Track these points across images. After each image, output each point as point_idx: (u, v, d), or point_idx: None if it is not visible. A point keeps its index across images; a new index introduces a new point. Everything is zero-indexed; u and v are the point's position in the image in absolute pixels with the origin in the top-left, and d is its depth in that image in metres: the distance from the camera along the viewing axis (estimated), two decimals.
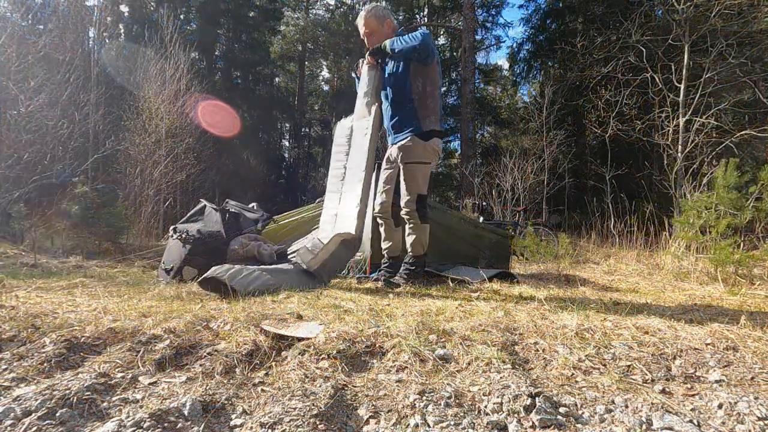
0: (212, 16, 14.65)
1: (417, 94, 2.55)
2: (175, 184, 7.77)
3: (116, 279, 2.90)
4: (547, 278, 3.66)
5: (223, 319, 1.47)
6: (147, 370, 1.09)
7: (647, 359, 1.21)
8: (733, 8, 6.59)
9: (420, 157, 2.57)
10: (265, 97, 17.15)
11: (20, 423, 0.83)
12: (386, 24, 2.63)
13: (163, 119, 7.25)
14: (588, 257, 5.78)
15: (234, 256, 3.00)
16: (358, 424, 0.90)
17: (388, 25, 2.63)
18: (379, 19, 2.63)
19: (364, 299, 2.01)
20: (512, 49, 15.66)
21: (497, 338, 1.34)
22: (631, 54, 7.87)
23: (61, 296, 1.98)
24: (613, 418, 0.93)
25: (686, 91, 6.84)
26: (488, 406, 0.95)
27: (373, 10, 2.64)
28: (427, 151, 2.58)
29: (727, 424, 0.91)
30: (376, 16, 2.63)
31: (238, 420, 0.89)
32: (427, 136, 2.56)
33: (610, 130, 8.39)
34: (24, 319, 1.38)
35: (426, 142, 2.56)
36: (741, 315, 1.74)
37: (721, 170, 3.37)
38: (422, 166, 2.59)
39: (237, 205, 3.51)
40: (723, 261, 3.12)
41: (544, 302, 1.92)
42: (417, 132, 2.56)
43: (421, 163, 2.58)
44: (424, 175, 2.61)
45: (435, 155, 2.64)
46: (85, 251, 4.23)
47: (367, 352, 1.25)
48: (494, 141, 18.71)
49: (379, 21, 2.63)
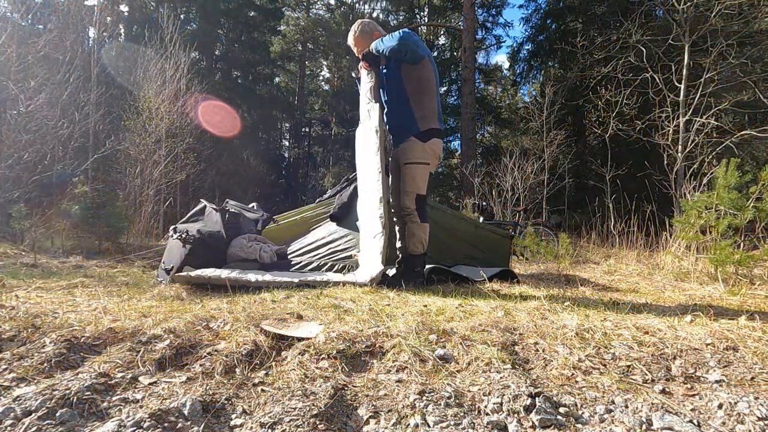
0: (212, 16, 14.65)
1: (412, 94, 2.56)
2: (175, 184, 7.77)
3: (116, 279, 2.90)
4: (547, 278, 3.66)
5: (223, 319, 1.47)
6: (147, 370, 1.09)
7: (647, 359, 1.21)
8: (733, 8, 6.59)
9: (418, 158, 2.59)
10: (265, 96, 17.15)
11: (20, 423, 0.83)
12: (374, 36, 2.67)
13: (163, 119, 7.25)
14: (588, 257, 5.78)
15: (234, 257, 3.00)
16: (358, 424, 0.90)
17: (376, 37, 2.67)
18: (366, 35, 2.69)
19: (364, 299, 2.01)
20: (512, 49, 15.68)
21: (497, 338, 1.34)
22: (631, 54, 7.86)
23: (61, 296, 1.98)
24: (613, 418, 0.93)
25: (686, 91, 6.83)
26: (488, 406, 0.95)
27: (360, 27, 2.71)
28: (425, 152, 2.59)
29: (727, 424, 0.91)
30: (363, 32, 2.70)
31: (238, 420, 0.89)
32: (426, 137, 2.57)
33: (610, 130, 8.39)
34: (24, 319, 1.38)
35: (425, 143, 2.57)
36: (741, 315, 1.74)
37: (721, 170, 3.36)
38: (421, 166, 2.60)
39: (237, 205, 3.51)
40: (723, 261, 3.12)
41: (544, 302, 1.92)
42: (415, 133, 2.57)
43: (419, 163, 2.59)
44: (422, 176, 2.62)
45: (434, 156, 2.65)
46: (85, 251, 4.23)
47: (367, 352, 1.25)
48: (494, 141, 18.72)
49: (367, 36, 2.69)
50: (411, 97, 2.56)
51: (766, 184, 3.21)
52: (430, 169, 2.67)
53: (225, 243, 3.05)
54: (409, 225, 2.64)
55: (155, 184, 6.98)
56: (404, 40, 2.42)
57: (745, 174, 3.31)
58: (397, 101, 2.61)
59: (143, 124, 7.13)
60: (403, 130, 2.63)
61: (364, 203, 2.80)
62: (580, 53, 9.93)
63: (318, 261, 3.46)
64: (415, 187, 2.60)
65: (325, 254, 3.46)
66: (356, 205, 3.59)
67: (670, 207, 6.77)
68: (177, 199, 8.48)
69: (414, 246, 2.64)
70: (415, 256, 2.66)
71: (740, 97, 7.61)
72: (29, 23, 7.54)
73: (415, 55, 2.48)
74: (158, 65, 7.40)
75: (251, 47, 16.07)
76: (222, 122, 11.56)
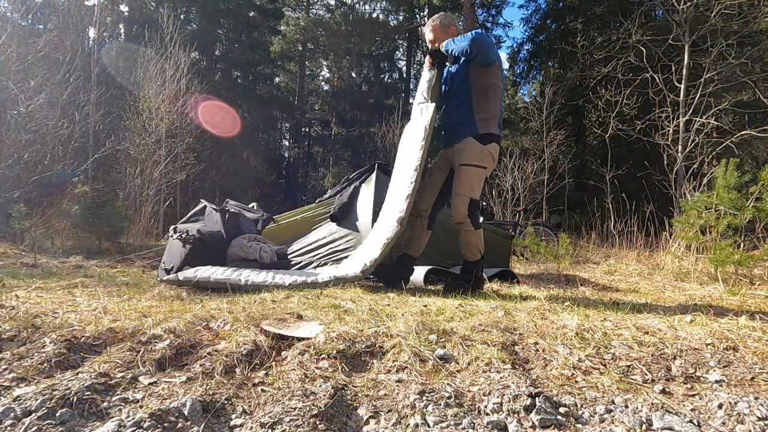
0: (212, 16, 14.64)
1: (476, 95, 2.49)
2: (175, 184, 7.77)
3: (116, 279, 2.90)
4: (547, 278, 3.66)
5: (223, 319, 1.47)
6: (147, 370, 1.09)
7: (647, 359, 1.20)
8: (733, 8, 6.59)
9: (477, 160, 2.48)
10: (265, 96, 17.14)
11: (20, 423, 0.83)
12: (449, 32, 2.66)
13: (163, 119, 7.25)
14: (588, 257, 5.78)
15: (234, 257, 3.00)
16: (358, 424, 0.90)
17: (451, 33, 2.66)
18: (444, 27, 2.67)
19: (364, 299, 2.01)
20: (512, 49, 15.69)
21: (497, 338, 1.34)
22: (631, 54, 7.87)
23: (61, 296, 1.98)
24: (613, 418, 0.93)
25: (686, 91, 6.84)
26: (488, 406, 0.95)
27: (439, 18, 2.70)
28: (484, 154, 2.48)
29: (728, 424, 0.91)
30: (441, 24, 2.68)
31: (238, 420, 0.89)
32: (486, 140, 2.48)
33: (610, 130, 8.39)
34: (24, 319, 1.38)
35: (484, 146, 2.48)
36: (741, 315, 1.74)
37: (721, 170, 3.36)
38: (478, 169, 2.49)
39: (237, 205, 3.51)
40: (723, 261, 3.12)
41: (544, 302, 1.92)
42: (474, 134, 2.48)
43: (477, 166, 2.48)
44: (478, 180, 2.51)
45: (492, 160, 2.55)
46: (85, 251, 4.23)
47: (367, 352, 1.25)
48: None
49: (444, 29, 2.67)
50: (474, 98, 2.49)
51: (766, 183, 3.21)
52: (486, 174, 2.56)
53: (225, 243, 3.05)
54: (462, 234, 2.53)
55: (155, 184, 6.98)
56: (477, 41, 2.36)
57: (745, 174, 3.31)
58: (460, 100, 2.53)
59: (143, 124, 7.13)
60: (461, 130, 2.53)
61: (390, 197, 2.80)
62: (580, 53, 9.93)
63: (318, 261, 3.46)
64: (470, 190, 2.48)
65: (325, 254, 3.46)
66: (356, 205, 3.60)
67: (670, 207, 6.77)
68: (177, 199, 8.48)
69: (471, 254, 2.56)
70: (473, 262, 2.57)
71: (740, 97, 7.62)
72: (29, 23, 7.53)
73: (487, 59, 2.43)
74: (158, 65, 7.39)
75: (251, 47, 16.06)
76: (222, 122, 11.55)
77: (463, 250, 2.59)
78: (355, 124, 17.87)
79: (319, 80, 23.47)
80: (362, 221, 3.44)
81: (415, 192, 2.56)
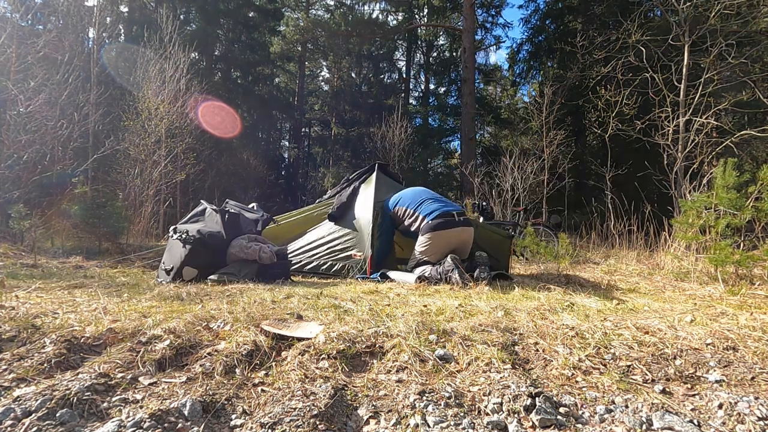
0: (212, 16, 14.63)
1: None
2: (175, 185, 7.77)
3: (116, 279, 2.89)
4: (547, 278, 3.66)
5: (223, 320, 1.47)
6: (147, 370, 1.09)
7: (647, 359, 1.21)
8: (732, 8, 6.59)
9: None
10: (264, 97, 17.14)
11: (20, 423, 0.83)
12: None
13: (163, 119, 7.25)
14: (588, 257, 5.78)
15: (234, 257, 3.00)
16: (358, 424, 0.90)
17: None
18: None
19: (364, 299, 2.01)
20: (512, 50, 15.70)
21: (497, 338, 1.34)
22: (631, 54, 7.86)
23: (61, 296, 1.97)
24: (613, 418, 0.93)
25: (686, 91, 6.83)
26: (488, 406, 0.95)
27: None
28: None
29: (728, 424, 0.91)
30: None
31: (238, 420, 0.89)
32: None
33: (610, 130, 8.39)
34: (24, 320, 1.37)
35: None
36: (741, 315, 1.74)
37: (719, 170, 3.36)
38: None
39: (237, 206, 3.51)
40: (723, 261, 3.12)
41: (544, 302, 1.92)
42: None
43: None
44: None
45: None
46: (85, 251, 4.23)
47: (367, 352, 1.25)
48: (494, 141, 18.71)
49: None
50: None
51: (765, 183, 3.21)
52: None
53: (225, 243, 3.04)
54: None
55: (155, 184, 6.97)
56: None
57: (744, 174, 3.31)
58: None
59: (143, 125, 7.13)
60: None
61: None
62: (579, 53, 9.94)
63: (317, 260, 3.46)
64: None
65: (324, 254, 3.47)
66: (355, 204, 3.61)
67: (670, 207, 6.76)
68: (177, 200, 8.48)
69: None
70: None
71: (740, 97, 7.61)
72: (29, 23, 7.53)
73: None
74: (158, 65, 7.39)
75: (251, 47, 16.05)
76: (222, 123, 11.55)
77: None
78: (354, 125, 17.87)
79: (318, 80, 23.48)
80: (362, 221, 3.44)
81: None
